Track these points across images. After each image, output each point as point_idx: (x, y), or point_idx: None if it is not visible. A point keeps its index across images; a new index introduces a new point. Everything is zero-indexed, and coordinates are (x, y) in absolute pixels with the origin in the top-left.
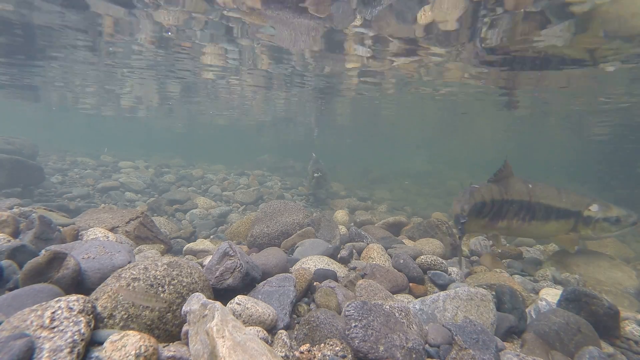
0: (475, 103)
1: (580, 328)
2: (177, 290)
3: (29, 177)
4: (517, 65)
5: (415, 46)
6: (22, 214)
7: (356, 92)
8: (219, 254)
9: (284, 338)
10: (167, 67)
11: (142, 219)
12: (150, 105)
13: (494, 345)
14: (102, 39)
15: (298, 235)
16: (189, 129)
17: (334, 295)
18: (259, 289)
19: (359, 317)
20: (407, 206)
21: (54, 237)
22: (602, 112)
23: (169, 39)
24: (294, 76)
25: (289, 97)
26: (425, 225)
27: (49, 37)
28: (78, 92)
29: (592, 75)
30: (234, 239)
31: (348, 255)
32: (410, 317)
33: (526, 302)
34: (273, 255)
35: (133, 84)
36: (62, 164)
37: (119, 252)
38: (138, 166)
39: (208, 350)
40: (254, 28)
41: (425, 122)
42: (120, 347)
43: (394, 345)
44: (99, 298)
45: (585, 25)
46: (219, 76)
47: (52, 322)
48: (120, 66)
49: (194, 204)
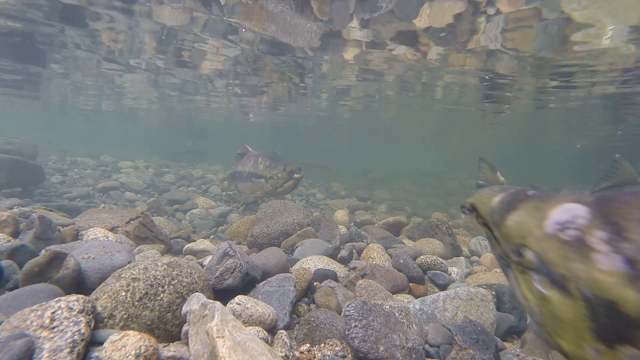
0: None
1: None
2: (177, 290)
3: (29, 177)
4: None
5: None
6: (22, 214)
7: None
8: (219, 254)
9: (284, 338)
10: (167, 68)
11: (142, 219)
12: (150, 104)
13: (494, 345)
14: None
15: (298, 235)
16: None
17: (334, 295)
18: (259, 289)
19: (359, 317)
20: (407, 206)
21: (54, 237)
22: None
23: (169, 42)
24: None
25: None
26: (425, 225)
27: (50, 42)
28: (78, 91)
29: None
30: (234, 239)
31: (348, 255)
32: (410, 317)
33: None
34: (273, 255)
35: (133, 83)
36: (62, 164)
37: (119, 252)
38: (138, 166)
39: (208, 350)
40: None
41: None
42: (120, 347)
43: (394, 345)
44: (99, 298)
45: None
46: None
47: (52, 322)
48: (120, 68)
49: (194, 204)
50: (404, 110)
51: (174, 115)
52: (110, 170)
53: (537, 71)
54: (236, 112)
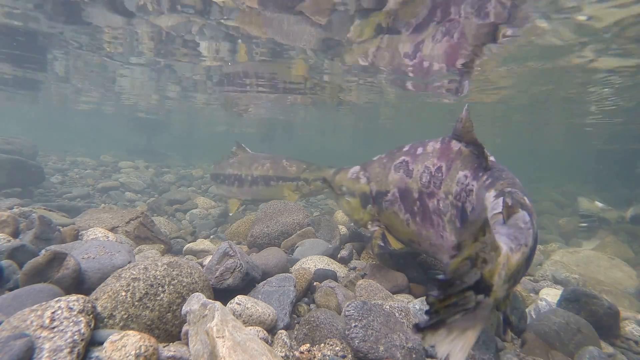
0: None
1: (580, 328)
2: (177, 290)
3: (29, 177)
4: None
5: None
6: (22, 214)
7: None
8: (219, 254)
9: (284, 338)
10: (166, 67)
11: (142, 219)
12: (149, 104)
13: (494, 345)
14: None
15: (298, 235)
16: (189, 129)
17: (334, 295)
18: (259, 289)
19: (359, 317)
20: None
21: (54, 237)
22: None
23: (168, 42)
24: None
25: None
26: None
27: (49, 41)
28: (78, 90)
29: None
30: (234, 239)
31: (348, 255)
32: (410, 317)
33: (526, 302)
34: (273, 255)
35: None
36: (62, 164)
37: (119, 252)
38: (138, 166)
39: (208, 350)
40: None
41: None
42: (120, 347)
43: (394, 345)
44: (99, 298)
45: None
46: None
47: (52, 322)
48: (120, 67)
49: (194, 203)
50: (404, 111)
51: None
52: (110, 170)
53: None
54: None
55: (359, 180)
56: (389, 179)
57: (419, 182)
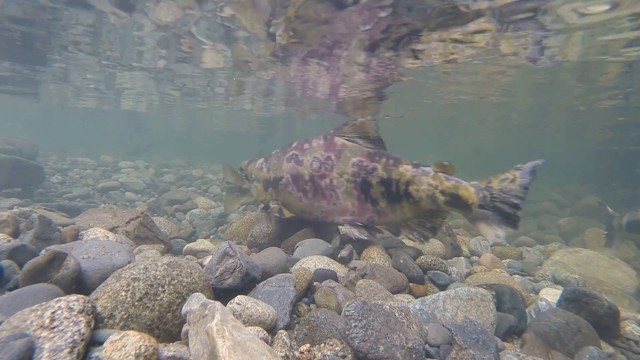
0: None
1: (580, 328)
2: (177, 290)
3: (29, 177)
4: None
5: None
6: (22, 214)
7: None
8: (219, 254)
9: (284, 338)
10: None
11: (142, 219)
12: (150, 104)
13: (494, 345)
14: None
15: (298, 236)
16: (189, 130)
17: (334, 295)
18: (259, 289)
19: (359, 317)
20: None
21: (54, 237)
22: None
23: (170, 39)
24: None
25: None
26: None
27: (48, 39)
28: (79, 90)
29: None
30: (234, 239)
31: (348, 255)
32: (410, 317)
33: (526, 302)
34: (273, 255)
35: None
36: (62, 164)
37: (119, 252)
38: (138, 166)
39: (208, 350)
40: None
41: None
42: (120, 347)
43: (394, 345)
44: (99, 298)
45: None
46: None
47: (52, 322)
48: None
49: (194, 204)
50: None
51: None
52: (110, 170)
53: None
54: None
55: (262, 169)
56: (283, 168)
57: (309, 169)
